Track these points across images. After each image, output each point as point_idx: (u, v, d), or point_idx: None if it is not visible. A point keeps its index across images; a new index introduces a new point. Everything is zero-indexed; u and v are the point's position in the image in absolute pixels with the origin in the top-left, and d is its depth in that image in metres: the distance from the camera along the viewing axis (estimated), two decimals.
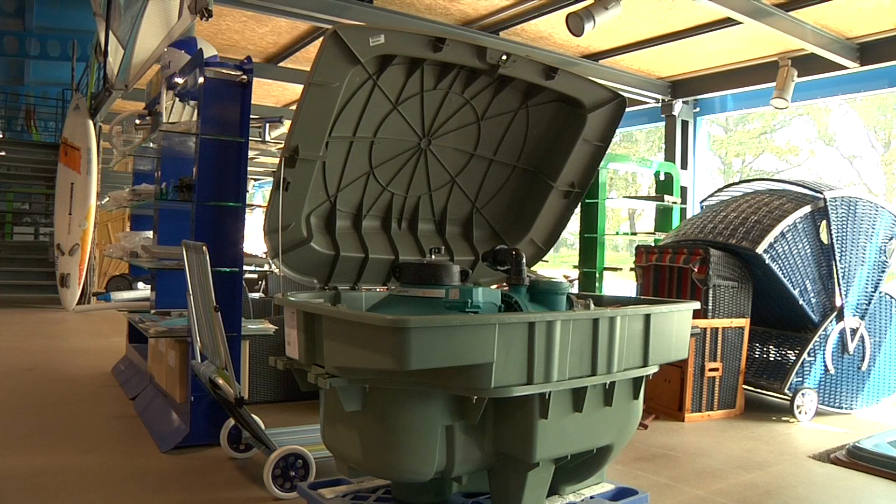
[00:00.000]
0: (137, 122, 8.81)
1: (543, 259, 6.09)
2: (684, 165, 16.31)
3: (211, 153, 6.51)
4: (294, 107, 8.61)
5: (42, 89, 30.05)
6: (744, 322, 8.40)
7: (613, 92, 5.52)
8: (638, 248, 9.28)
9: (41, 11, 28.69)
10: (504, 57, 4.91)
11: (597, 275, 12.63)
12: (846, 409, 8.61)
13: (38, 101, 29.07)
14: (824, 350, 8.44)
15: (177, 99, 8.02)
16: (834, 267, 8.44)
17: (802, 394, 8.25)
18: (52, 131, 27.64)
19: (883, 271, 8.71)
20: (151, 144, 8.23)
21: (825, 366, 8.44)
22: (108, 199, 9.92)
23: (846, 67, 12.66)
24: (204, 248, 5.46)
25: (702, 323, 8.06)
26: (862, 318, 8.59)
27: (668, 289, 8.78)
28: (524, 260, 4.77)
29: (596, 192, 12.45)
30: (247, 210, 6.89)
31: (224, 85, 6.57)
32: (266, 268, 8.29)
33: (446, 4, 11.78)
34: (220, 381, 5.42)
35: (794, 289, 8.27)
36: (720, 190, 9.94)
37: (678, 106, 16.25)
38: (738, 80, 14.91)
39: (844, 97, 19.02)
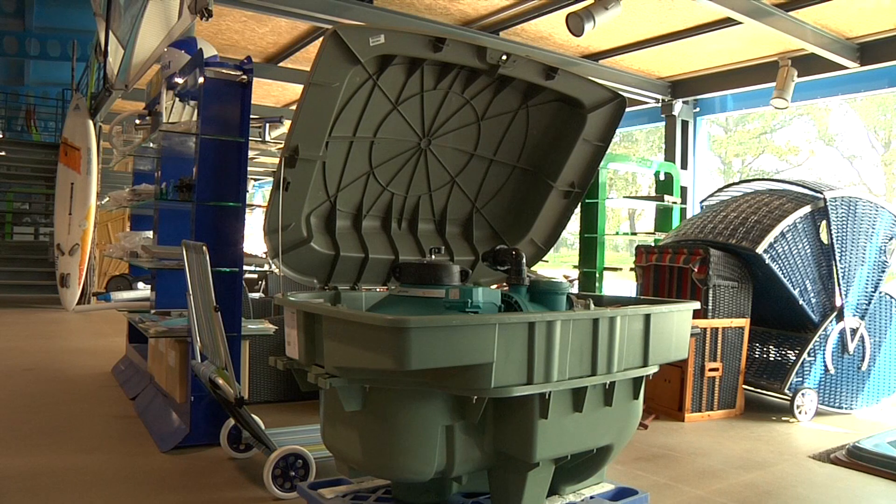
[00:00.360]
0: (137, 122, 8.82)
1: (543, 259, 6.09)
2: (684, 165, 16.32)
3: (211, 153, 6.51)
4: (294, 107, 8.62)
5: (42, 89, 30.10)
6: (744, 322, 8.40)
7: (613, 92, 5.52)
8: (638, 248, 9.28)
9: (41, 11, 28.75)
10: (504, 57, 4.92)
11: (597, 275, 12.63)
12: (846, 409, 8.61)
13: (38, 101, 29.09)
14: (824, 350, 8.44)
15: (177, 99, 8.02)
16: (834, 267, 8.44)
17: (802, 394, 8.26)
18: (52, 131, 27.66)
19: (883, 271, 8.71)
20: (151, 144, 8.23)
21: (825, 366, 8.45)
22: (108, 199, 9.92)
23: (846, 67, 12.67)
24: (204, 248, 5.46)
25: (702, 323, 8.06)
26: (862, 318, 8.59)
27: (668, 289, 8.78)
28: (524, 260, 4.77)
29: (596, 192, 12.44)
30: (247, 210, 6.90)
31: (224, 85, 6.57)
32: (266, 268, 8.29)
33: (446, 4, 11.78)
34: (220, 381, 5.42)
35: (794, 289, 8.27)
36: (720, 190, 9.94)
37: (678, 106, 16.26)
38: (738, 80, 14.92)
39: (844, 97, 19.01)
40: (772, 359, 9.08)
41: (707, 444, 7.20)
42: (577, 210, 6.53)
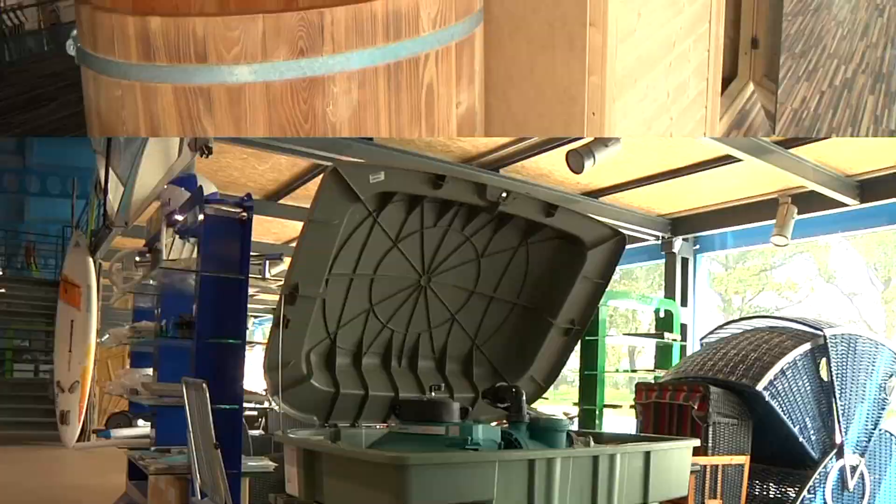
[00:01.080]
0: (137, 259, 8.85)
1: (543, 396, 6.07)
2: (684, 302, 16.30)
3: (211, 290, 6.53)
4: (294, 244, 8.66)
5: (42, 226, 30.22)
6: (744, 459, 8.33)
7: (613, 229, 5.56)
8: (638, 385, 9.24)
9: (41, 148, 29.07)
10: (504, 194, 4.95)
11: (597, 412, 12.56)
12: None
13: (39, 238, 29.20)
14: (824, 487, 8.35)
15: (177, 236, 8.06)
16: (834, 404, 8.40)
17: None
18: (52, 268, 27.72)
19: (883, 409, 8.67)
20: (151, 281, 8.25)
21: (825, 503, 8.37)
22: (108, 335, 9.93)
23: (846, 205, 12.72)
24: (204, 385, 5.45)
25: (702, 460, 7.99)
26: (862, 455, 8.52)
27: (668, 426, 8.72)
28: (524, 397, 4.76)
29: (596, 328, 12.43)
30: (246, 347, 6.89)
31: (224, 222, 6.61)
32: (266, 405, 8.26)
33: (446, 142, 11.86)
34: None
35: (794, 426, 8.22)
36: (720, 327, 9.92)
37: (678, 243, 16.29)
38: (738, 218, 14.96)
39: (844, 234, 19.05)
40: (772, 496, 8.98)
41: None
42: (577, 347, 6.53)
